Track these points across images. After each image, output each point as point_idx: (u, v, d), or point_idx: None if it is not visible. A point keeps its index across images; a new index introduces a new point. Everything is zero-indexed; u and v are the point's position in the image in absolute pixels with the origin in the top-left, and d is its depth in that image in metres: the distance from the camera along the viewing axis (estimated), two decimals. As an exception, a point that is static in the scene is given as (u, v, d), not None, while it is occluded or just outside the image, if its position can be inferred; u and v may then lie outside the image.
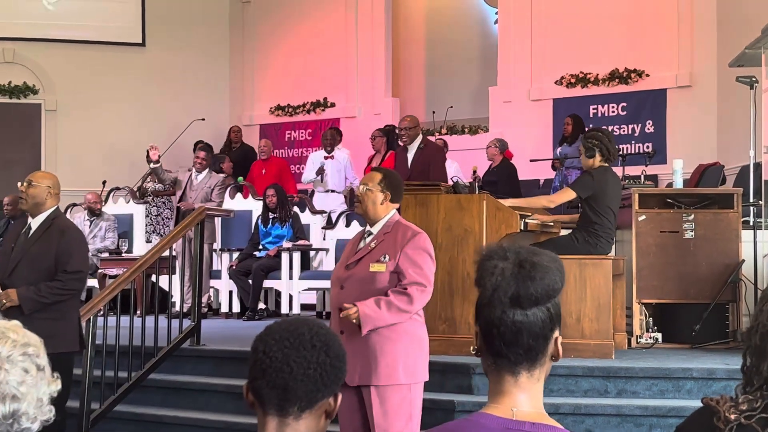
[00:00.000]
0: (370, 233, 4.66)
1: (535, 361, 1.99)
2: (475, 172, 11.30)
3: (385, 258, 4.51)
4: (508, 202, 6.72)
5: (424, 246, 4.55)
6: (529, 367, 1.99)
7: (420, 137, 9.36)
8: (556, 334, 2.01)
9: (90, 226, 11.11)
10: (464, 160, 12.16)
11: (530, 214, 7.16)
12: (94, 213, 11.17)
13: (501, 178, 11.11)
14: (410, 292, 4.43)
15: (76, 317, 5.82)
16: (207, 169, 10.63)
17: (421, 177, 9.02)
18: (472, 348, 2.08)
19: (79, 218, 11.27)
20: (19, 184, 5.81)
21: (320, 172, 11.86)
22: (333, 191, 11.78)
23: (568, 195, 6.80)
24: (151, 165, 10.42)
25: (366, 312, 4.41)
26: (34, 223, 5.72)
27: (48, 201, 5.72)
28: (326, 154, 11.87)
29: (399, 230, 4.59)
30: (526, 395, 1.99)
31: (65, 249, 5.61)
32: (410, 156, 9.37)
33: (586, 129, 11.58)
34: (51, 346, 5.71)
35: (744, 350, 2.01)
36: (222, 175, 10.99)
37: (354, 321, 4.42)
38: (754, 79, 7.76)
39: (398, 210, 6.82)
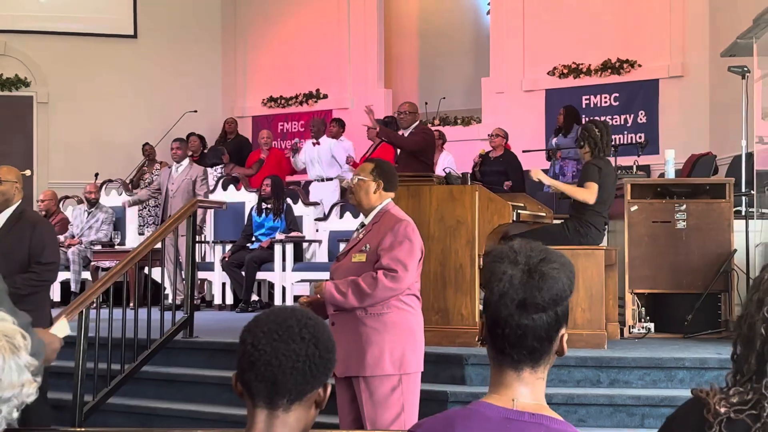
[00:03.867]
0: (363, 224, 4.67)
1: (539, 361, 1.99)
2: (482, 156, 11.26)
3: (366, 248, 4.53)
4: (561, 186, 6.84)
5: (405, 232, 4.51)
6: (533, 365, 1.99)
7: (416, 123, 9.32)
8: (563, 332, 2.01)
9: (87, 217, 11.10)
10: (457, 151, 12.16)
11: (522, 204, 7.17)
12: (91, 203, 11.16)
13: (510, 169, 11.07)
14: (378, 276, 4.42)
15: (47, 307, 5.91)
16: (187, 160, 10.56)
17: (406, 160, 8.99)
18: (477, 338, 2.09)
19: (78, 210, 11.27)
20: None
21: (293, 148, 12.23)
22: (320, 179, 11.79)
23: (595, 188, 6.68)
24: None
25: (330, 291, 4.44)
26: (2, 218, 5.79)
27: (16, 195, 5.82)
28: (314, 141, 11.95)
29: (386, 219, 4.58)
30: (528, 389, 1.99)
31: (38, 241, 5.69)
32: None
33: (582, 119, 11.60)
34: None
35: (734, 339, 2.01)
36: (202, 167, 10.93)
37: (319, 296, 4.46)
38: (746, 68, 7.77)
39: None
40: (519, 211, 6.68)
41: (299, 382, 1.94)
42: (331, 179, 11.74)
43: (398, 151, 9.51)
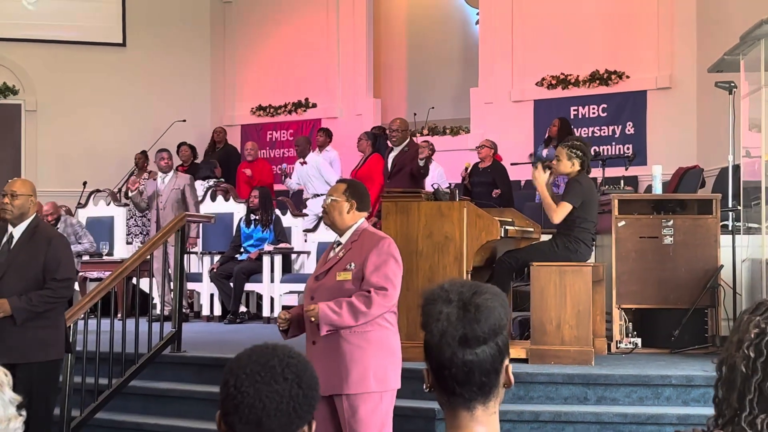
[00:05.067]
0: (339, 243, 4.71)
1: (489, 395, 2.01)
2: (467, 169, 11.31)
3: (351, 266, 4.57)
4: (544, 198, 6.76)
5: (388, 250, 4.58)
6: (484, 401, 2.01)
7: (407, 140, 9.44)
8: (506, 363, 2.03)
9: None
10: (445, 161, 12.18)
11: (510, 220, 7.19)
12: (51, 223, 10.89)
13: (499, 179, 11.09)
14: (372, 294, 4.47)
15: (63, 323, 5.83)
16: (172, 171, 10.51)
17: (398, 176, 9.08)
18: (424, 386, 2.10)
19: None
20: (2, 196, 5.77)
21: (282, 173, 12.23)
22: (317, 195, 11.75)
23: (566, 209, 6.69)
24: (130, 195, 10.40)
25: (325, 311, 4.46)
26: (16, 231, 5.69)
27: (31, 209, 5.73)
28: (302, 161, 11.91)
29: (365, 238, 4.64)
30: (483, 427, 2.01)
31: (53, 257, 5.59)
32: (392, 156, 9.46)
33: (574, 132, 11.65)
34: (43, 355, 5.74)
35: (715, 382, 2.03)
36: (189, 175, 10.90)
37: (312, 320, 4.46)
38: (732, 84, 7.79)
39: (378, 218, 6.86)
40: (507, 227, 6.70)
41: (284, 423, 1.93)
42: (321, 195, 11.70)
43: (389, 165, 9.52)
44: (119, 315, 9.21)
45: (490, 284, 2.08)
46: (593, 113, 13.03)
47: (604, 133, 12.88)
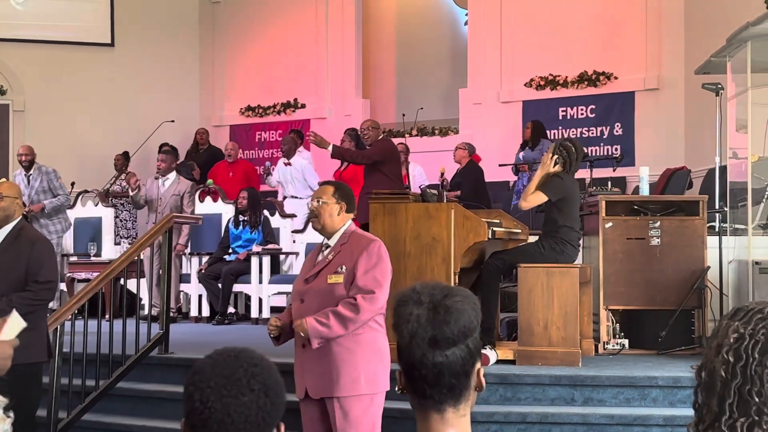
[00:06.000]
0: (328, 246, 4.72)
1: (460, 398, 2.03)
2: (442, 174, 11.38)
3: (342, 269, 4.59)
4: (532, 181, 6.88)
5: (379, 252, 4.60)
6: (454, 403, 2.03)
7: (379, 138, 9.46)
8: (477, 366, 2.05)
9: (29, 182, 10.83)
10: (434, 162, 12.20)
11: (498, 221, 7.20)
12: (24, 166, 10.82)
13: (465, 179, 11.14)
14: (358, 300, 4.48)
15: (45, 327, 5.81)
16: (174, 174, 10.45)
17: (370, 173, 9.14)
18: (396, 387, 2.11)
19: (20, 176, 10.96)
20: None
21: (266, 172, 12.10)
22: (294, 197, 11.71)
23: (539, 198, 6.77)
24: (131, 193, 10.35)
25: (314, 325, 4.47)
26: (1, 234, 5.69)
27: (17, 212, 5.74)
28: (286, 161, 11.84)
29: (355, 240, 4.66)
30: (453, 430, 2.03)
31: (36, 259, 5.58)
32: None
33: (548, 134, 11.70)
34: (23, 357, 5.78)
35: (695, 388, 2.04)
36: (190, 181, 10.87)
37: (302, 334, 4.47)
38: (719, 86, 7.82)
39: (367, 222, 6.85)
40: (494, 228, 6.71)
41: None
42: (299, 198, 11.67)
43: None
44: (107, 316, 9.18)
45: (462, 287, 2.11)
46: (581, 114, 13.05)
47: (593, 134, 12.91)
